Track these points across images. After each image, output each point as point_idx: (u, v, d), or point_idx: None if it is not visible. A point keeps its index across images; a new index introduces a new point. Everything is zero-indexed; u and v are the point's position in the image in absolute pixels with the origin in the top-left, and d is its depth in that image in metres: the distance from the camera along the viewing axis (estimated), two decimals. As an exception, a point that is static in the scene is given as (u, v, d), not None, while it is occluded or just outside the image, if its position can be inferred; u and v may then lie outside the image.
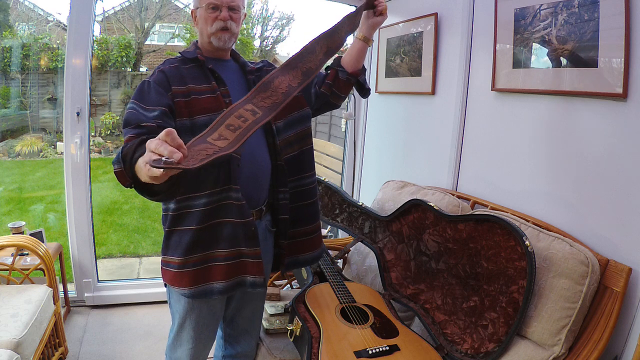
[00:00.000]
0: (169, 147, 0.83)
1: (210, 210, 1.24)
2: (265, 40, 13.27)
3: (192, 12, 1.41)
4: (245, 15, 1.40)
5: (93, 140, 7.30)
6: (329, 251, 1.96)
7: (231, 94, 1.34)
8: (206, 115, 1.26)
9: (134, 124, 1.16)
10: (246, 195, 1.28)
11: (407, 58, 2.37)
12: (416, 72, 2.30)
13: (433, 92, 2.19)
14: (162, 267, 1.34)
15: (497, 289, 1.39)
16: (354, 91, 2.57)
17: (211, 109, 1.27)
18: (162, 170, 0.84)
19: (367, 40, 1.46)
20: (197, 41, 1.42)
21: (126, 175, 1.04)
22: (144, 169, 0.90)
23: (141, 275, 3.78)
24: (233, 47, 1.47)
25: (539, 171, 1.63)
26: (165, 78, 1.27)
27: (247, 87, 1.39)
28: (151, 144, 0.86)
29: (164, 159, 0.83)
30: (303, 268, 1.79)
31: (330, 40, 1.27)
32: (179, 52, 1.39)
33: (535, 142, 1.65)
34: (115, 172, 1.06)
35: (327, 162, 5.37)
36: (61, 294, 2.42)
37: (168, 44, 11.86)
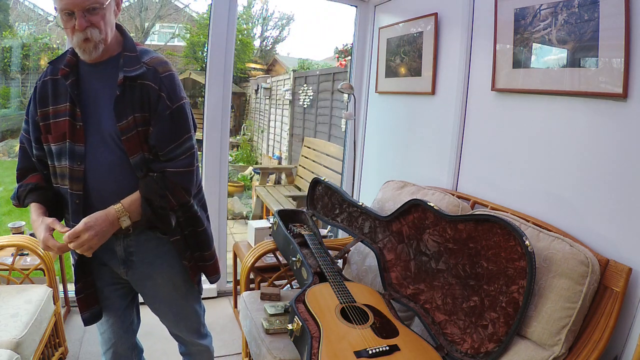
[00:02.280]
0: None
1: None
2: (265, 40, 13.29)
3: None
4: (118, 4, 1.19)
5: (93, 140, 7.27)
6: (329, 251, 1.96)
7: (89, 113, 1.19)
8: (56, 144, 1.20)
9: (21, 145, 1.32)
10: None
11: (407, 58, 2.37)
12: (416, 72, 2.30)
13: (433, 92, 2.20)
14: None
15: (497, 289, 1.39)
16: (353, 91, 2.58)
17: (60, 136, 1.19)
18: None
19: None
20: None
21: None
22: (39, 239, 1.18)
23: (141, 275, 3.77)
24: (128, 41, 1.24)
25: (539, 171, 1.63)
26: (34, 100, 1.24)
27: (114, 102, 1.17)
28: (41, 242, 1.16)
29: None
30: (303, 268, 1.79)
31: None
32: (49, 62, 1.25)
33: (535, 142, 1.65)
34: (13, 204, 1.34)
35: (327, 162, 5.36)
36: (61, 294, 2.42)
37: (168, 44, 11.87)
